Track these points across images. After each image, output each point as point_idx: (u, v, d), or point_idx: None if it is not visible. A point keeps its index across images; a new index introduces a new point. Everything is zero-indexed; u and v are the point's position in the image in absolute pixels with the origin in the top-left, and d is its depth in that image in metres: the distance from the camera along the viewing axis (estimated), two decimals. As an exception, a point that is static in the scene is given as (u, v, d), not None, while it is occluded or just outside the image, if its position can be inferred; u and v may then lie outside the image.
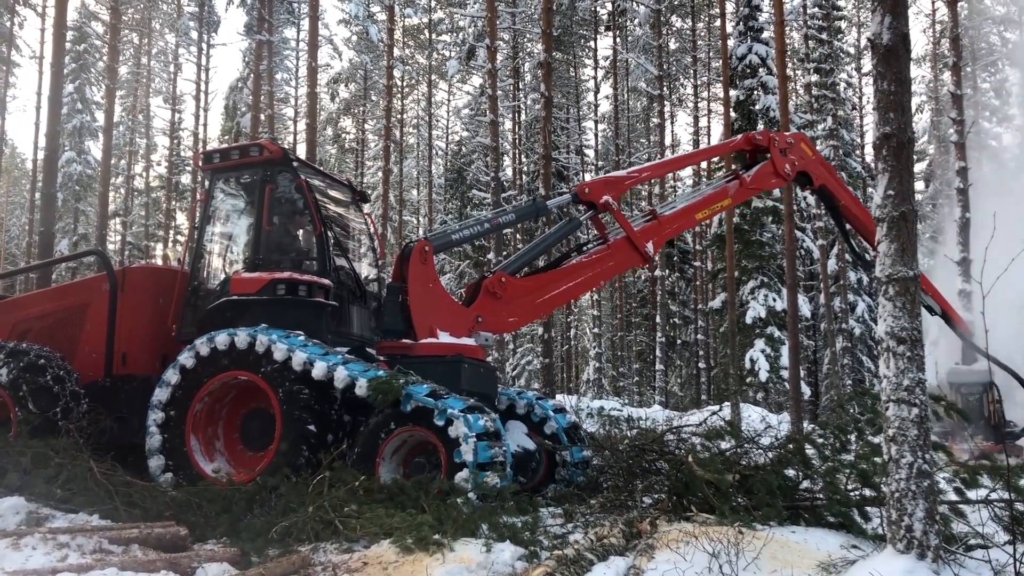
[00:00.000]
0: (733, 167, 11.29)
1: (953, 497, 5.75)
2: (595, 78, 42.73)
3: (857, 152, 38.53)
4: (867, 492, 6.17)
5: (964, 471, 5.79)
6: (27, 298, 10.48)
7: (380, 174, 34.27)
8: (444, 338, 8.73)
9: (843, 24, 38.84)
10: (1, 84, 37.01)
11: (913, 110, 4.85)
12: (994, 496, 5.57)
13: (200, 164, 9.85)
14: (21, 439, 7.78)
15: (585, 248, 9.86)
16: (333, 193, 10.04)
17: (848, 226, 11.66)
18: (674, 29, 41.23)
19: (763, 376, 25.76)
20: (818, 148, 36.00)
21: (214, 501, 6.77)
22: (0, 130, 38.29)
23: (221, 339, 8.07)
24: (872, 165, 33.99)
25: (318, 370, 7.65)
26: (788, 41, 32.06)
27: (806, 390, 26.17)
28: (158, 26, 44.15)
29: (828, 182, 11.22)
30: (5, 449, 7.41)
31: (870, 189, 37.68)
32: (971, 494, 5.77)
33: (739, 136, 11.50)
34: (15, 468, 7.15)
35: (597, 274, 9.78)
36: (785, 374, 24.24)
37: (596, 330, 40.37)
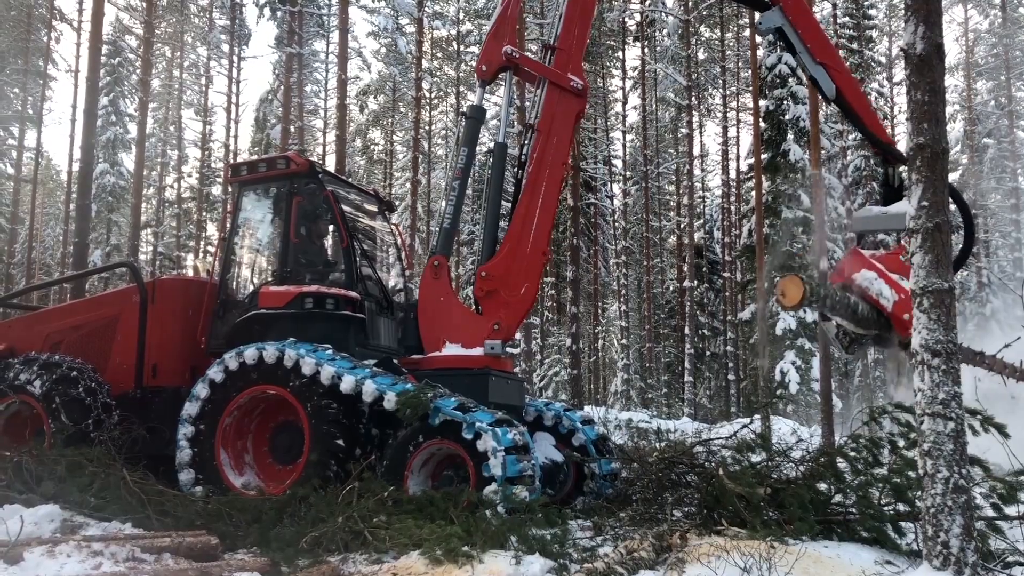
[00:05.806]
0: None
1: (990, 512, 5.66)
2: (623, 88, 42.69)
3: (888, 162, 38.08)
4: (901, 507, 6.07)
5: (1002, 486, 5.69)
6: (59, 310, 10.60)
7: (408, 185, 34.36)
8: (449, 350, 8.69)
9: (874, 33, 38.51)
10: (38, 97, 37.65)
11: (946, 120, 4.80)
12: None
13: (228, 176, 9.87)
14: (55, 449, 7.86)
15: (523, 156, 9.24)
16: (360, 204, 10.07)
17: None
18: (703, 39, 41.05)
19: (793, 388, 25.52)
20: (849, 158, 35.61)
21: (244, 511, 6.81)
22: (36, 142, 39.01)
23: (250, 353, 8.11)
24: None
25: (346, 384, 7.65)
26: (818, 51, 31.74)
27: (838, 403, 25.86)
28: (190, 39, 44.61)
29: None
30: (40, 458, 7.49)
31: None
32: (1009, 510, 5.67)
33: None
34: (50, 476, 7.23)
35: (555, 164, 9.09)
36: (816, 386, 23.98)
37: (624, 341, 40.20)
